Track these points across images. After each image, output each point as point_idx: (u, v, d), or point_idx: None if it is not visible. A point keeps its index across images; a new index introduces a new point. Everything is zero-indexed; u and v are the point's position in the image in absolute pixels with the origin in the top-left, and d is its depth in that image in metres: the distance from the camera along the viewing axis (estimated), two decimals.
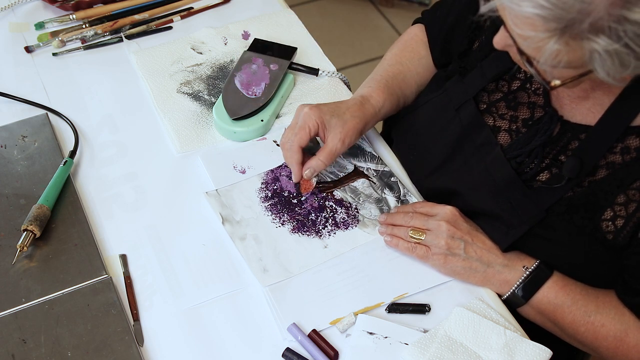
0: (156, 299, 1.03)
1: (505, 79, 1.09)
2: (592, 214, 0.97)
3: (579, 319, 1.01)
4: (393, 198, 1.16)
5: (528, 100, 1.06)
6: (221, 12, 1.48)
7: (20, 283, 1.03)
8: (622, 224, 0.96)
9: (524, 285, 1.03)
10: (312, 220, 1.12)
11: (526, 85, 1.07)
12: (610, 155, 0.97)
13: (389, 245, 1.08)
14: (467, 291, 1.05)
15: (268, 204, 1.14)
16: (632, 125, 0.96)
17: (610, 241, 0.97)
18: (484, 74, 1.10)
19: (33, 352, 0.96)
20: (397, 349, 0.97)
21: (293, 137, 1.11)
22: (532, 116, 1.05)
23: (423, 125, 1.17)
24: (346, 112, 1.14)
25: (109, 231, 1.11)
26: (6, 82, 1.32)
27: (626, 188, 0.96)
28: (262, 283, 1.04)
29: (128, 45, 1.39)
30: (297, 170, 1.12)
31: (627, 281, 0.99)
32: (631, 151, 0.96)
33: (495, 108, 1.09)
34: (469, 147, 1.09)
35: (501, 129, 1.07)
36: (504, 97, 1.08)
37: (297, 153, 1.11)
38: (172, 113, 1.27)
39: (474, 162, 1.08)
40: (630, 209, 0.95)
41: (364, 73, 1.42)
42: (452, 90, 1.13)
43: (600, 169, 0.98)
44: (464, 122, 1.10)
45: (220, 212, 1.12)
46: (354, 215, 1.13)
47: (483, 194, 1.06)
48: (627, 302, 1.00)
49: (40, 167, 1.17)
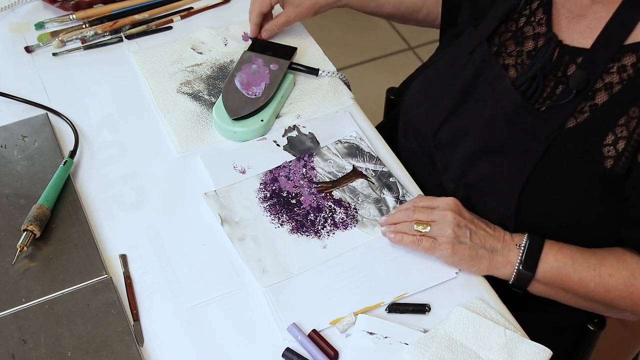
0: (156, 299, 1.03)
1: (513, 18, 1.12)
2: (594, 140, 0.98)
3: (585, 275, 1.01)
4: (392, 198, 1.16)
5: (533, 33, 1.09)
6: (221, 12, 1.48)
7: (20, 283, 1.03)
8: (624, 146, 0.96)
9: (524, 260, 1.03)
10: (311, 221, 1.12)
11: (531, 19, 1.10)
12: (607, 76, 0.98)
13: (394, 242, 1.08)
14: (467, 291, 1.05)
15: (267, 205, 1.14)
16: (626, 44, 0.98)
17: (608, 170, 0.97)
18: (494, 16, 1.14)
19: (33, 352, 0.96)
20: (397, 349, 0.97)
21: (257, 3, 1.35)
22: (535, 47, 1.08)
23: (436, 77, 1.21)
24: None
25: (109, 231, 1.11)
26: (6, 82, 1.32)
27: (627, 107, 0.96)
28: (262, 284, 1.04)
29: (128, 45, 1.40)
30: (255, 29, 1.38)
31: (632, 216, 0.99)
32: (628, 69, 0.97)
33: (505, 47, 1.12)
34: (482, 85, 1.12)
35: (509, 65, 1.10)
36: (512, 35, 1.12)
37: (256, 16, 1.37)
38: (172, 113, 1.27)
39: (487, 99, 1.10)
40: (630, 127, 0.96)
41: (364, 73, 1.44)
42: (466, 40, 1.17)
43: (600, 91, 0.99)
44: (477, 63, 1.13)
45: (219, 213, 1.12)
46: (353, 215, 1.13)
47: (495, 127, 1.08)
48: (633, 238, 1.00)
49: (40, 167, 1.17)
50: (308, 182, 1.17)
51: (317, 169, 1.19)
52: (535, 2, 1.11)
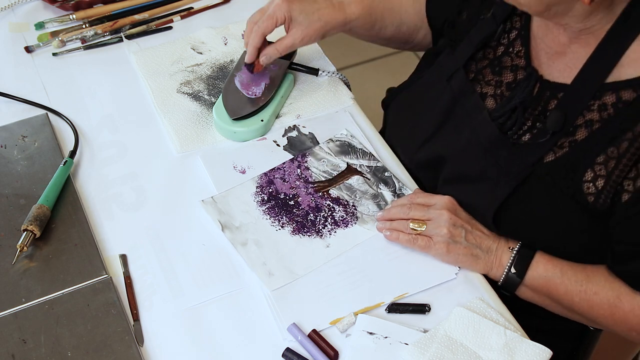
0: (156, 299, 1.03)
1: (491, 45, 1.11)
2: (573, 175, 0.98)
3: (572, 289, 1.02)
4: (389, 192, 1.16)
5: (511, 64, 1.08)
6: (221, 12, 1.47)
7: (20, 283, 1.03)
8: (603, 184, 0.96)
9: (514, 264, 1.04)
10: (311, 221, 1.12)
11: (509, 50, 1.09)
12: (588, 114, 0.98)
13: (389, 239, 1.08)
14: (467, 291, 1.05)
15: (265, 208, 1.14)
16: (607, 82, 0.97)
17: (591, 204, 0.98)
18: (471, 42, 1.12)
19: (33, 352, 0.96)
20: (397, 349, 0.97)
21: (260, 22, 1.17)
22: (515, 79, 1.07)
23: (415, 99, 1.19)
24: (315, 12, 1.18)
25: (109, 231, 1.11)
26: (6, 82, 1.32)
27: (605, 146, 0.96)
28: (269, 287, 1.04)
29: (128, 45, 1.39)
30: (253, 53, 1.20)
31: (616, 251, 1.00)
32: (608, 107, 0.97)
33: (482, 75, 1.11)
34: (459, 113, 1.11)
35: (487, 95, 1.10)
36: (489, 63, 1.11)
37: (258, 38, 1.18)
38: (172, 113, 1.27)
39: (463, 128, 1.10)
40: (609, 167, 0.96)
41: (364, 73, 1.43)
42: (443, 62, 1.16)
43: (580, 128, 0.99)
44: (454, 90, 1.12)
45: (218, 220, 1.11)
46: (352, 212, 1.14)
47: (471, 155, 1.08)
48: (618, 272, 1.00)
49: (40, 167, 1.17)
50: (304, 182, 1.17)
51: (311, 168, 1.19)
52: (513, 32, 1.10)
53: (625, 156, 0.94)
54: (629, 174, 0.95)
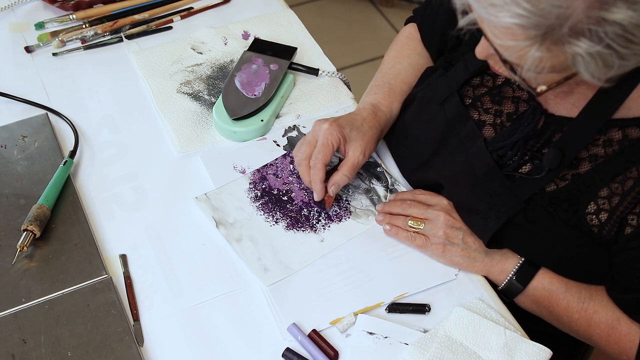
0: (156, 299, 1.03)
1: (490, 73, 1.09)
2: (576, 207, 0.97)
3: (573, 305, 1.02)
4: (382, 188, 1.17)
5: (513, 95, 1.07)
6: (221, 12, 1.48)
7: (20, 283, 1.03)
8: (606, 218, 0.96)
9: (519, 272, 1.03)
10: (305, 216, 1.13)
11: (510, 81, 1.07)
12: (593, 148, 0.97)
13: (388, 234, 1.09)
14: (467, 291, 1.05)
15: (259, 204, 1.14)
16: (614, 118, 0.96)
17: (595, 234, 0.97)
18: (467, 67, 1.10)
19: (33, 352, 0.96)
20: (397, 349, 0.97)
21: (317, 154, 1.09)
22: (516, 110, 1.06)
23: (410, 120, 1.18)
24: (363, 123, 1.14)
25: (109, 231, 1.11)
26: (6, 82, 1.32)
27: (609, 181, 0.95)
28: (265, 282, 1.04)
29: (128, 45, 1.39)
30: (321, 188, 1.10)
31: (615, 278, 0.99)
32: (614, 144, 0.96)
33: (480, 102, 1.09)
34: (453, 140, 1.09)
35: (486, 122, 1.08)
36: (488, 91, 1.09)
37: (321, 171, 1.09)
38: (172, 113, 1.27)
39: (458, 155, 1.09)
40: (613, 203, 0.95)
41: (364, 73, 1.43)
42: (435, 84, 1.14)
43: (584, 162, 0.98)
44: (448, 115, 1.10)
45: (212, 216, 1.12)
46: (345, 207, 1.14)
47: (463, 185, 1.07)
48: (616, 299, 1.00)
49: (40, 167, 1.17)
50: (297, 178, 1.17)
51: None
52: None
53: (630, 194, 0.93)
54: (633, 209, 0.94)
